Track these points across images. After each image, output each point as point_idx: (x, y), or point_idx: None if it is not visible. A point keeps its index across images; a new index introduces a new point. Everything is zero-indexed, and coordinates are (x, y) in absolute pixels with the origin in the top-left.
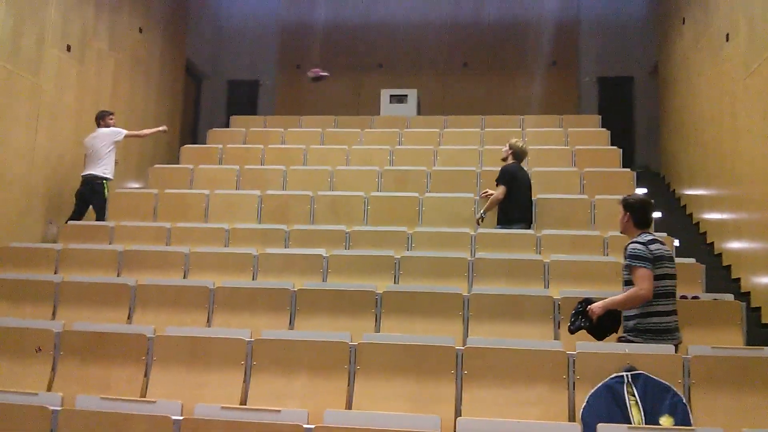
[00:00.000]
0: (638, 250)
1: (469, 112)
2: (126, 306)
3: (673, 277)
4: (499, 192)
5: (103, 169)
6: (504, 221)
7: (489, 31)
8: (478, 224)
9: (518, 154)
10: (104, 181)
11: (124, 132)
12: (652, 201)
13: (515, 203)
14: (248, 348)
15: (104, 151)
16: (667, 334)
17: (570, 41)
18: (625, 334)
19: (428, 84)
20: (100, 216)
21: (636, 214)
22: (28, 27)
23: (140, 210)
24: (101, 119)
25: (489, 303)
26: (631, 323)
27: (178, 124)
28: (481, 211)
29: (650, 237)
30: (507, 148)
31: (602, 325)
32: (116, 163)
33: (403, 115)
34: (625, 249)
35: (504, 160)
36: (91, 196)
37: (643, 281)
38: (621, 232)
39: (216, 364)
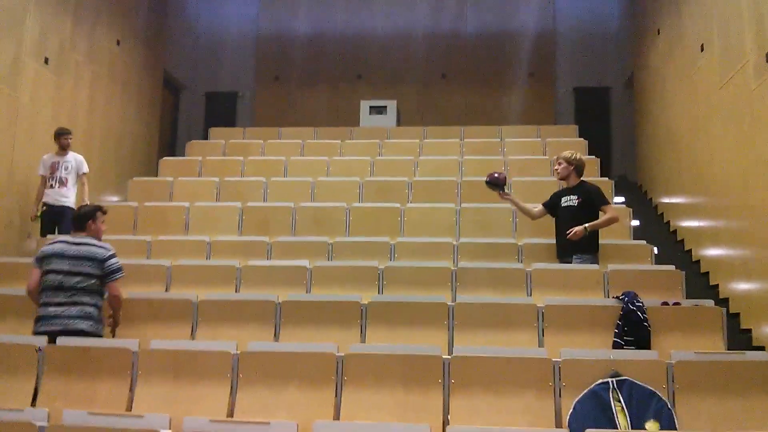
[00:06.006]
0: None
1: (449, 123)
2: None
3: (57, 272)
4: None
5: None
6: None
7: (468, 43)
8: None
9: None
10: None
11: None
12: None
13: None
14: (234, 361)
15: (72, 179)
16: (43, 321)
17: (547, 52)
18: None
19: (408, 95)
20: None
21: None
22: (5, 39)
23: (120, 223)
24: (61, 137)
25: (473, 312)
26: None
27: (156, 136)
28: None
29: (56, 240)
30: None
31: None
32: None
33: (383, 126)
34: None
35: (564, 179)
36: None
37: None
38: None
39: (202, 378)
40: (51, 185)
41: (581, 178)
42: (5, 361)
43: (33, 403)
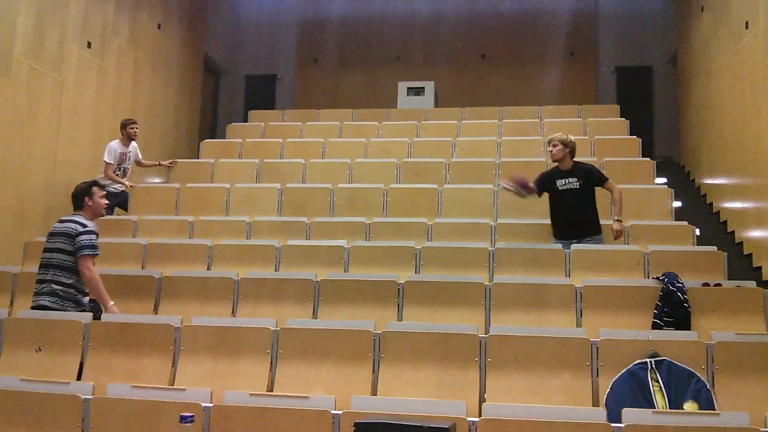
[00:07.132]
0: None
1: (487, 104)
2: (152, 297)
3: (44, 250)
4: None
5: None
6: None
7: (506, 22)
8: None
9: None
10: None
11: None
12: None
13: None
14: (274, 337)
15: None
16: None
17: (588, 31)
18: None
19: (445, 76)
20: None
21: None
22: (49, 24)
23: (162, 204)
24: (128, 127)
25: (510, 292)
26: None
27: (197, 119)
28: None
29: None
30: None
31: None
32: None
33: (421, 107)
34: None
35: (558, 161)
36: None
37: None
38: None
39: (242, 353)
40: (117, 175)
41: (574, 159)
42: (52, 337)
43: (78, 377)
